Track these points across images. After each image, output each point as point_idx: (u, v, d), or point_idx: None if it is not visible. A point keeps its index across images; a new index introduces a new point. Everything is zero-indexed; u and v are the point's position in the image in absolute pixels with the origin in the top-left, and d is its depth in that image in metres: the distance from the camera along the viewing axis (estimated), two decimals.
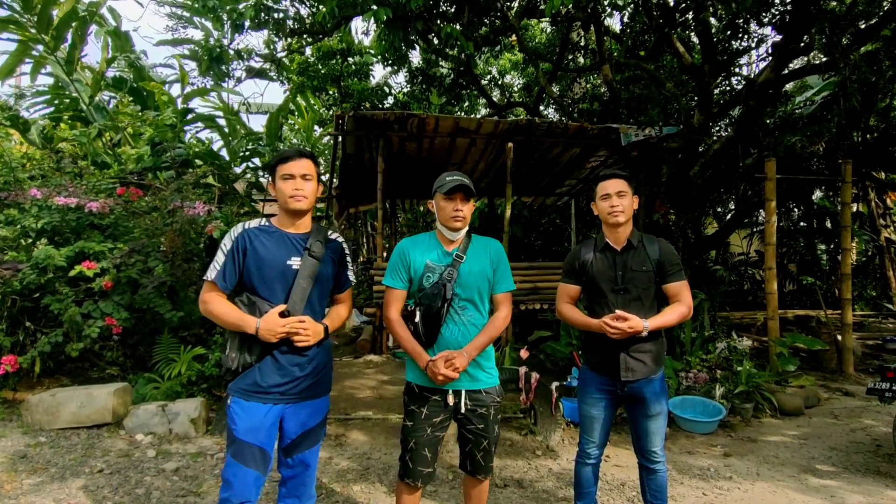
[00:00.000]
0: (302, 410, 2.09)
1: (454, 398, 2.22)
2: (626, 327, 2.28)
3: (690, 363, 5.37)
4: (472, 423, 2.26)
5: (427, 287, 2.22)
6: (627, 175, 2.51)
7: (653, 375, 2.43)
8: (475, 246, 2.32)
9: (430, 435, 2.22)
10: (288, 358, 2.03)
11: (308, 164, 2.10)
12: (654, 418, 2.46)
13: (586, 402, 2.54)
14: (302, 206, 2.07)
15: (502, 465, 3.68)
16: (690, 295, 2.48)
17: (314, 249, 2.09)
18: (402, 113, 6.66)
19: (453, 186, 2.18)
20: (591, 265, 2.50)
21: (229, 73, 7.30)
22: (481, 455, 2.31)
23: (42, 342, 4.12)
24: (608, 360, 2.44)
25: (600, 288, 2.46)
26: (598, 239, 2.55)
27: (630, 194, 2.45)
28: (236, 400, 1.99)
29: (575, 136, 7.29)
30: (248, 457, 1.95)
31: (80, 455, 3.56)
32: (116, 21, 7.04)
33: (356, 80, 9.85)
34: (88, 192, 4.46)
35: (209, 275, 2.03)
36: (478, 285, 2.25)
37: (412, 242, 2.32)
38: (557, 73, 9.16)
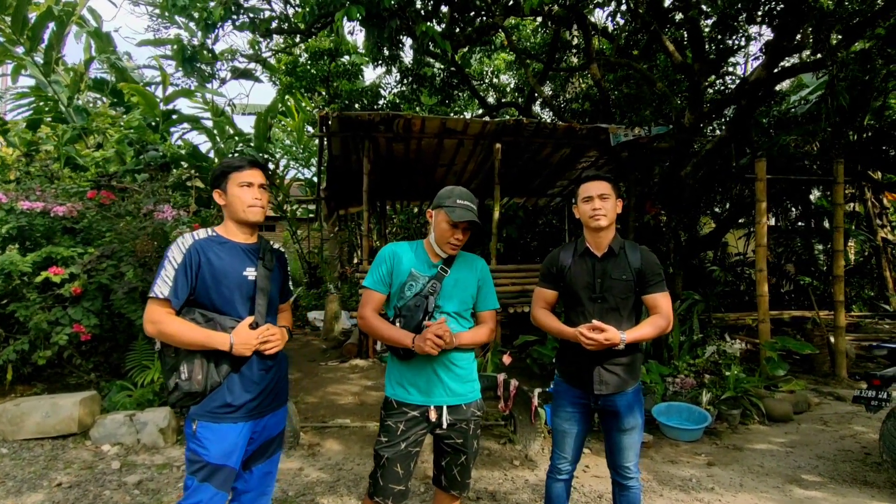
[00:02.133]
0: (269, 421, 2.03)
1: (436, 414, 2.12)
2: (602, 339, 2.15)
3: (678, 368, 5.25)
4: (451, 438, 2.16)
5: (408, 297, 2.13)
6: (611, 177, 2.37)
7: (627, 388, 2.31)
8: (461, 261, 2.25)
9: (403, 451, 2.10)
10: (254, 371, 1.95)
11: (261, 174, 2.05)
12: (628, 432, 2.34)
13: (559, 416, 2.43)
14: (259, 219, 2.02)
15: (477, 477, 3.57)
16: (671, 307, 2.35)
17: (267, 259, 2.05)
18: (388, 113, 6.55)
19: (461, 220, 2.08)
20: (568, 270, 2.38)
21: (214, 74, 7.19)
22: (458, 471, 2.20)
23: (7, 350, 4.02)
24: (582, 372, 2.32)
25: (577, 295, 2.34)
26: (579, 243, 2.42)
27: (613, 197, 2.31)
28: (204, 424, 1.86)
29: (564, 136, 7.19)
30: (222, 480, 1.87)
31: (41, 467, 3.46)
32: (97, 22, 6.95)
33: (345, 81, 9.74)
34: (59, 196, 4.36)
35: (159, 291, 1.84)
36: (461, 299, 2.19)
37: (398, 249, 2.24)
38: (548, 73, 9.05)
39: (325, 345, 8.68)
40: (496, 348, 5.25)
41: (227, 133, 8.82)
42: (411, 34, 4.51)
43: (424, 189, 9.67)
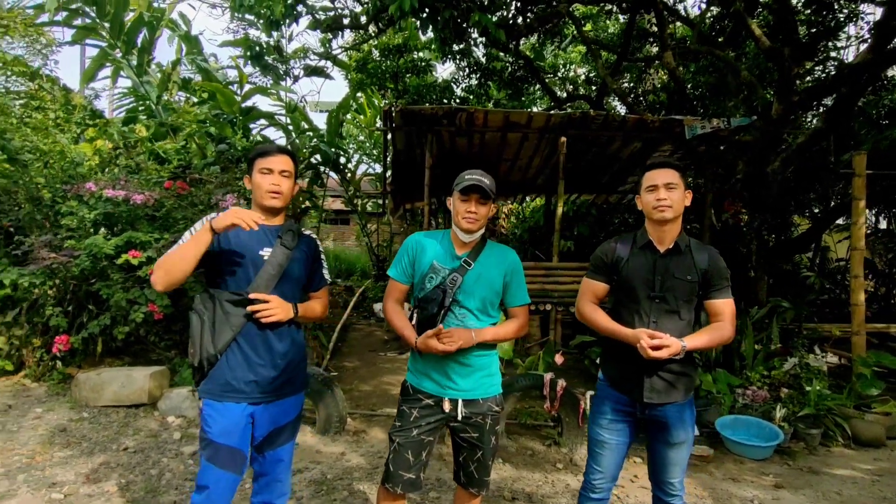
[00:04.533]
0: (273, 409, 2.02)
1: (450, 406, 2.09)
2: (666, 355, 1.95)
3: (750, 379, 4.83)
4: (467, 432, 2.12)
5: (428, 289, 2.09)
6: (680, 165, 2.15)
7: (680, 398, 2.11)
8: (489, 254, 2.16)
9: (415, 437, 2.08)
10: (260, 354, 1.96)
11: (287, 161, 2.05)
12: (676, 447, 2.13)
13: (598, 424, 2.22)
14: (277, 205, 2.03)
15: (517, 476, 3.48)
16: (734, 315, 2.13)
17: (286, 239, 2.04)
18: (450, 107, 6.53)
19: (468, 186, 2.03)
20: (625, 263, 2.16)
21: (288, 72, 7.52)
22: (475, 467, 2.15)
23: (92, 325, 4.44)
24: (631, 376, 2.12)
25: (633, 292, 2.13)
26: (639, 235, 2.20)
27: (681, 188, 2.09)
28: (208, 402, 1.92)
29: (634, 129, 6.81)
30: (226, 460, 1.89)
31: (113, 432, 3.79)
32: (187, 26, 7.47)
33: (413, 77, 9.85)
34: (141, 186, 4.74)
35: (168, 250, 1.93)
36: (483, 295, 2.10)
37: (423, 238, 2.20)
38: (622, 64, 8.63)
39: (386, 336, 8.85)
40: (550, 347, 5.09)
41: (301, 128, 9.20)
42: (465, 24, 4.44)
43: None
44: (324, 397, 4.07)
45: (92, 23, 6.19)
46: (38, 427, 3.74)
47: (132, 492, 2.99)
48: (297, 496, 3.06)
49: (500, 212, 15.45)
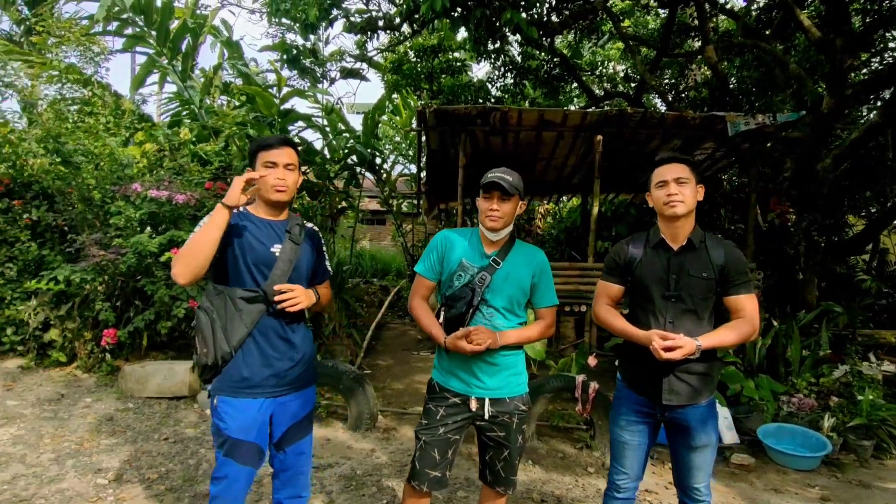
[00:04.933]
0: (293, 402, 2.04)
1: (477, 404, 2.09)
2: (679, 356, 1.90)
3: (796, 386, 4.61)
4: (493, 431, 2.11)
5: (456, 287, 2.09)
6: (689, 159, 2.10)
7: (701, 400, 2.05)
8: (517, 253, 2.15)
9: (441, 435, 2.08)
10: (276, 348, 1.97)
11: (291, 153, 1.99)
12: (699, 450, 2.07)
13: (618, 425, 2.20)
14: (284, 198, 1.99)
15: (546, 479, 3.43)
16: (757, 311, 2.04)
17: (294, 233, 2.02)
18: (484, 106, 6.51)
19: (488, 183, 2.03)
20: (638, 263, 2.12)
21: (325, 74, 7.65)
22: (501, 466, 2.14)
23: (137, 319, 4.63)
24: (648, 378, 2.08)
25: (648, 292, 2.08)
26: (652, 233, 2.15)
27: (692, 182, 2.03)
28: (224, 399, 1.90)
29: (673, 126, 6.62)
30: (245, 455, 1.90)
31: (155, 422, 3.94)
32: (228, 32, 7.72)
33: (448, 77, 9.87)
34: (184, 187, 4.92)
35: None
36: (510, 294, 2.09)
37: (452, 235, 2.20)
38: (661, 60, 8.40)
39: (420, 335, 8.89)
40: (583, 349, 5.00)
41: (338, 130, 9.36)
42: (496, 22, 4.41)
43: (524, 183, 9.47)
44: (355, 394, 4.12)
45: (140, 31, 6.48)
46: (87, 415, 3.94)
47: (171, 480, 3.11)
48: (327, 490, 3.11)
49: (535, 212, 15.32)
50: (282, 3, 4.29)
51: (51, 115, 5.80)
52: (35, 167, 4.84)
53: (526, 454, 3.78)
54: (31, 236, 4.91)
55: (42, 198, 4.99)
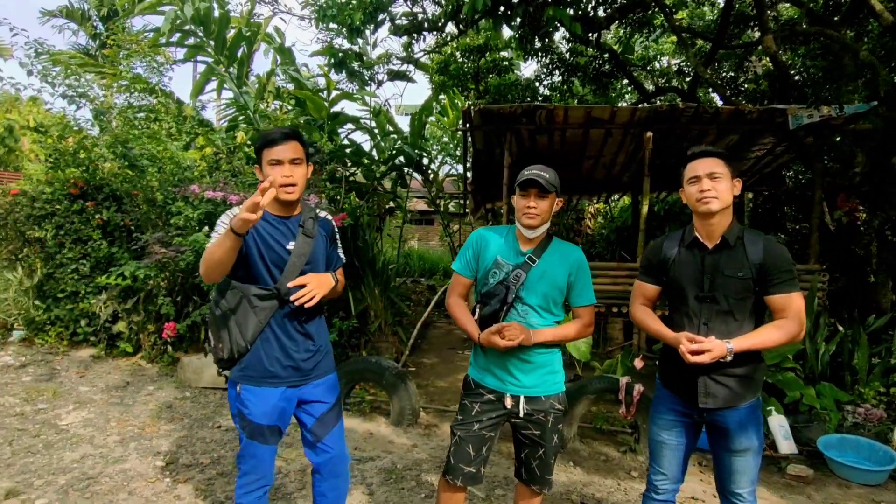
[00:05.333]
0: (316, 390, 2.07)
1: (512, 402, 2.09)
2: (708, 360, 1.84)
3: (863, 395, 4.32)
4: (529, 429, 2.11)
5: (491, 284, 2.11)
6: (724, 153, 2.02)
7: (741, 403, 1.97)
8: (553, 251, 2.14)
9: (476, 432, 2.10)
10: (294, 339, 2.00)
11: (296, 147, 1.95)
12: (740, 454, 1.99)
13: (657, 424, 2.15)
14: (293, 198, 1.96)
15: (587, 481, 3.37)
16: (803, 311, 1.93)
17: (307, 227, 2.02)
18: (529, 105, 6.46)
19: (525, 181, 2.03)
20: (672, 263, 2.07)
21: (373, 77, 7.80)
22: (537, 464, 2.14)
23: (195, 314, 4.89)
24: (685, 379, 2.02)
25: (682, 293, 2.02)
26: (686, 231, 2.09)
27: (728, 177, 1.95)
28: (246, 388, 1.96)
29: (729, 121, 6.33)
30: (267, 436, 1.98)
31: (210, 411, 4.15)
32: (281, 39, 8.02)
33: (494, 76, 9.84)
34: (238, 188, 5.15)
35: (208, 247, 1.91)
36: (546, 293, 2.08)
37: (488, 233, 2.22)
38: (717, 53, 8.05)
39: (464, 334, 8.93)
40: (629, 351, 4.87)
41: (386, 131, 9.53)
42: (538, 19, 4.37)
43: (572, 182, 9.34)
44: (398, 390, 4.18)
45: (200, 41, 6.85)
46: (149, 402, 4.20)
47: (221, 465, 3.27)
48: (367, 482, 3.19)
49: (585, 212, 15.02)
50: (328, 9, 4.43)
51: (119, 123, 6.23)
52: (105, 171, 5.20)
53: (567, 455, 3.73)
54: (101, 235, 5.28)
55: (111, 199, 5.35)
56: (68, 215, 5.18)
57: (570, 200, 11.23)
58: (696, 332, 1.95)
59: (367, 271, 6.13)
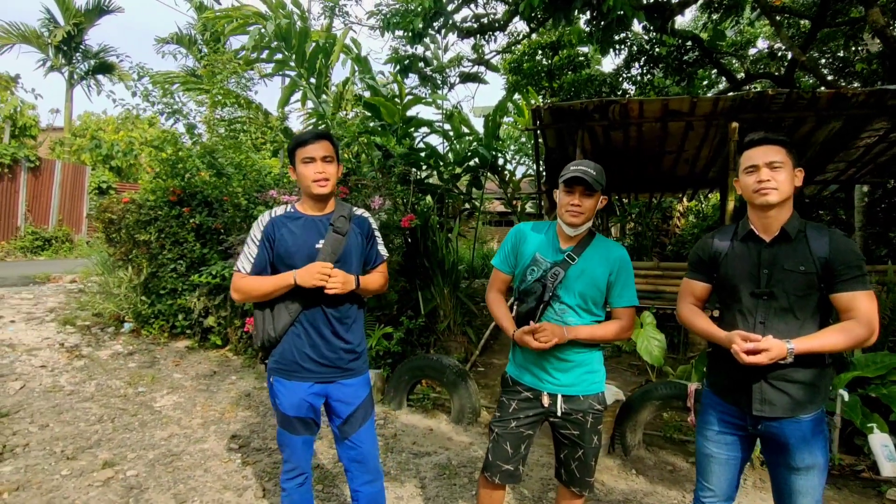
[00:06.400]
0: (346, 388, 2.11)
1: (549, 400, 2.07)
2: (765, 360, 1.70)
3: None
4: (567, 429, 2.08)
5: (528, 282, 2.08)
6: (785, 140, 1.84)
7: (802, 414, 1.79)
8: (595, 249, 2.08)
9: (514, 429, 2.10)
10: (324, 336, 2.05)
11: (327, 146, 2.04)
12: (801, 473, 1.80)
13: (703, 435, 1.99)
14: (325, 191, 2.04)
15: (649, 491, 3.21)
16: (874, 310, 1.73)
17: (338, 225, 2.07)
18: (601, 100, 6.25)
19: (571, 178, 1.98)
20: (724, 258, 1.92)
21: (445, 80, 7.93)
22: (576, 465, 2.09)
23: None
24: (738, 385, 1.87)
25: (735, 290, 1.88)
26: (741, 225, 1.94)
27: (789, 166, 1.80)
28: (278, 379, 2.07)
29: (830, 106, 5.73)
30: (296, 427, 2.07)
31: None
32: (358, 49, 8.38)
33: (569, 73, 9.61)
34: None
35: (241, 267, 2.05)
36: (585, 292, 2.03)
37: (529, 229, 2.20)
38: (819, 32, 7.32)
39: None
40: (705, 356, 4.55)
41: (460, 132, 9.63)
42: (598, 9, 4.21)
43: (653, 179, 8.90)
44: (458, 389, 4.22)
45: (285, 56, 7.33)
46: (231, 391, 4.56)
47: None
48: (421, 476, 3.25)
49: (673, 210, 14.21)
50: (391, 17, 4.57)
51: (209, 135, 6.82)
52: (198, 179, 5.72)
53: (630, 463, 3.57)
54: (195, 238, 5.81)
55: (204, 205, 5.87)
56: (168, 220, 5.75)
57: (651, 198, 10.68)
58: (751, 331, 1.80)
59: (436, 271, 6.23)
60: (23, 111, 13.72)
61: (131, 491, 2.89)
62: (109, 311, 6.12)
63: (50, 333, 5.57)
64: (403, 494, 3.04)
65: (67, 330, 5.74)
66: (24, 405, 3.90)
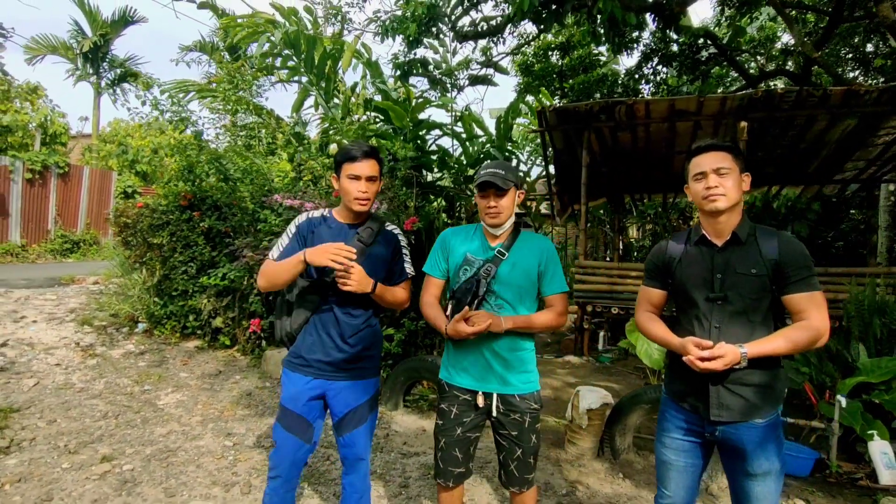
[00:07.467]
0: (345, 390, 2.15)
1: (484, 400, 2.09)
2: (720, 366, 1.70)
3: None
4: (505, 429, 2.09)
5: (461, 280, 2.12)
6: (732, 146, 1.85)
7: (757, 418, 1.78)
8: (523, 242, 2.13)
9: (460, 435, 2.11)
10: (332, 336, 2.11)
11: (373, 165, 2.11)
12: (757, 479, 1.79)
13: (662, 443, 1.98)
14: (365, 209, 2.13)
15: (634, 495, 3.18)
16: (825, 312, 1.73)
17: (363, 235, 2.14)
18: (606, 101, 6.24)
19: (481, 183, 2.05)
20: (678, 264, 1.92)
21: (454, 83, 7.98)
22: (515, 465, 2.10)
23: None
24: (695, 390, 1.86)
25: (689, 295, 1.87)
26: (694, 230, 1.94)
27: (736, 171, 1.80)
28: (285, 370, 2.16)
29: (842, 104, 5.60)
30: (290, 423, 2.11)
31: None
32: (368, 54, 8.50)
33: (582, 74, 9.55)
34: (320, 196, 5.57)
35: (272, 255, 2.15)
36: (518, 285, 2.07)
37: (455, 231, 2.26)
38: (836, 28, 7.12)
39: (550, 339, 8.74)
40: None
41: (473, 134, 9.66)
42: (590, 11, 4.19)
43: (663, 179, 8.77)
44: None
45: (296, 63, 7.49)
46: (233, 390, 4.69)
47: None
48: (406, 475, 3.29)
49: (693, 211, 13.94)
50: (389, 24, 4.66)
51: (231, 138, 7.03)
52: (206, 184, 5.91)
53: (620, 467, 3.55)
54: (205, 241, 5.99)
55: (213, 209, 6.04)
56: (179, 224, 5.94)
57: (666, 199, 10.53)
58: (706, 337, 1.80)
59: None
60: (53, 119, 14.30)
61: (125, 484, 3.01)
62: (125, 311, 6.35)
63: (68, 333, 5.81)
64: (386, 493, 3.09)
65: (85, 330, 5.98)
66: (35, 401, 4.09)
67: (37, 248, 12.96)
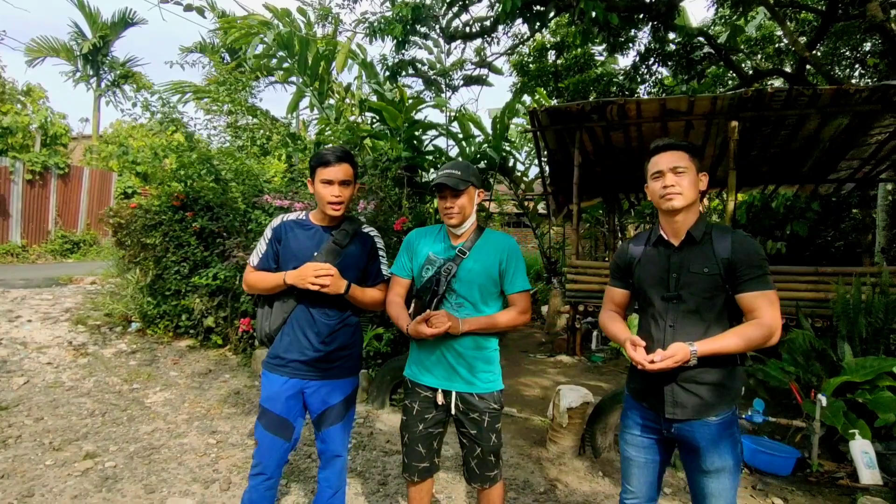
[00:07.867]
0: (322, 388, 2.18)
1: (443, 398, 2.11)
2: (670, 365, 1.72)
3: None
4: (465, 428, 2.12)
5: (423, 279, 2.16)
6: (689, 145, 1.88)
7: (711, 415, 1.80)
8: (485, 241, 2.15)
9: (422, 432, 2.14)
10: (308, 336, 2.13)
11: (347, 169, 2.12)
12: (712, 475, 1.81)
13: (624, 439, 2.01)
14: (338, 214, 2.15)
15: (612, 493, 3.20)
16: (776, 310, 1.74)
17: (337, 237, 2.17)
18: (598, 101, 6.24)
19: (436, 185, 2.07)
20: (638, 263, 1.95)
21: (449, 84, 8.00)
22: (476, 462, 2.13)
23: None
24: (652, 389, 1.88)
25: (648, 294, 1.90)
26: (653, 231, 1.97)
27: (692, 171, 1.82)
28: (264, 371, 2.19)
29: (833, 103, 5.58)
30: (270, 422, 2.14)
31: None
32: (364, 55, 8.54)
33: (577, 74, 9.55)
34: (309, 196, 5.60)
35: (252, 261, 2.22)
36: (479, 284, 2.09)
37: (420, 232, 2.29)
38: (830, 27, 7.11)
39: (544, 338, 8.74)
40: None
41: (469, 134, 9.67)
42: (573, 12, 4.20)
43: None
44: None
45: (290, 64, 7.53)
46: (222, 388, 4.72)
47: None
48: (385, 473, 3.31)
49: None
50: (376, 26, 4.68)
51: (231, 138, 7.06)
52: (197, 185, 5.95)
53: (600, 465, 3.56)
54: (197, 241, 6.02)
55: (205, 209, 6.08)
56: (172, 224, 5.98)
57: None
58: (661, 335, 1.84)
59: None
60: (53, 121, 14.39)
61: (106, 481, 3.05)
62: (118, 311, 6.39)
63: (62, 332, 5.86)
64: (364, 490, 3.11)
65: (78, 329, 6.02)
66: (24, 399, 4.13)
67: (37, 248, 13.05)
